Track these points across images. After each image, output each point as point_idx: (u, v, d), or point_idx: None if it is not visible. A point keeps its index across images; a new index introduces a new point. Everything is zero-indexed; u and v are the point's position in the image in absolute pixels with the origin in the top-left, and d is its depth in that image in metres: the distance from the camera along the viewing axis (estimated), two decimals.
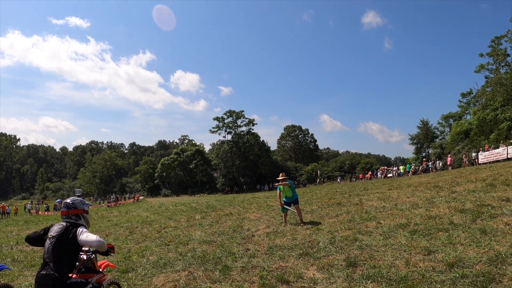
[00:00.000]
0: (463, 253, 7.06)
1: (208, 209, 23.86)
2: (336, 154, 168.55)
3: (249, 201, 27.75)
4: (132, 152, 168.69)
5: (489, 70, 62.22)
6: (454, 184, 18.71)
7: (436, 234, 8.80)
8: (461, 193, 14.94)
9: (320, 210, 16.26)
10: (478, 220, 9.62)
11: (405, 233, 9.27)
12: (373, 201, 17.05)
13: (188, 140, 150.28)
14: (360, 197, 19.48)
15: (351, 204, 16.93)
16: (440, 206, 12.35)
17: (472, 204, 11.85)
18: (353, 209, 15.10)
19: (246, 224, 15.05)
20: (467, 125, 68.77)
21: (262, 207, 21.18)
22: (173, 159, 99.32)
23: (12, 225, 30.35)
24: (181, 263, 9.29)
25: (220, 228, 14.92)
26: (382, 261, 7.30)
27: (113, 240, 15.39)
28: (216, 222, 17.10)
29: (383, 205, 14.93)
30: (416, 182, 24.36)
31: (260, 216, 17.27)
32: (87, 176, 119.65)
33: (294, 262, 8.00)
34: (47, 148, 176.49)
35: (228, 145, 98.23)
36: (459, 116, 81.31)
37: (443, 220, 10.14)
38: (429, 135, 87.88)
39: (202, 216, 19.98)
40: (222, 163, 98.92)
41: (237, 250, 9.99)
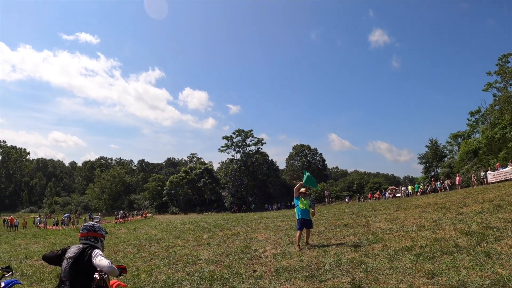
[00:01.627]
0: (466, 277, 7.16)
1: (216, 228, 23.92)
2: (344, 174, 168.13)
3: (257, 220, 27.78)
4: (140, 169, 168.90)
5: (497, 88, 62.24)
6: (462, 205, 18.76)
7: (440, 257, 8.89)
8: (467, 215, 15.01)
9: (327, 232, 16.29)
10: (483, 242, 9.70)
11: (410, 256, 9.35)
12: (380, 222, 17.10)
13: (197, 158, 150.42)
14: (368, 218, 19.52)
15: (358, 226, 16.98)
16: (446, 228, 12.43)
17: (478, 226, 11.93)
18: (360, 231, 15.17)
19: (253, 244, 15.12)
20: (476, 144, 68.48)
21: (270, 228, 21.20)
22: (182, 177, 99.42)
23: (20, 238, 30.51)
24: (189, 283, 9.40)
25: (228, 248, 14.98)
26: (386, 284, 7.40)
27: (122, 257, 15.48)
28: (224, 242, 17.16)
29: (390, 227, 15.00)
30: (424, 202, 24.39)
31: (267, 236, 17.30)
32: (96, 192, 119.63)
33: (300, 284, 8.10)
34: (57, 162, 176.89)
35: (237, 164, 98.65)
36: (468, 134, 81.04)
37: (448, 242, 10.22)
38: (437, 154, 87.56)
39: (210, 236, 20.04)
40: (230, 182, 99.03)
41: (244, 271, 10.09)
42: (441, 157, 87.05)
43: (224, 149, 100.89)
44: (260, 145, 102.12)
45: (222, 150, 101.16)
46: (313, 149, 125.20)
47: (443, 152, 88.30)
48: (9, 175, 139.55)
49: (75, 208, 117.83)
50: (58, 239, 28.31)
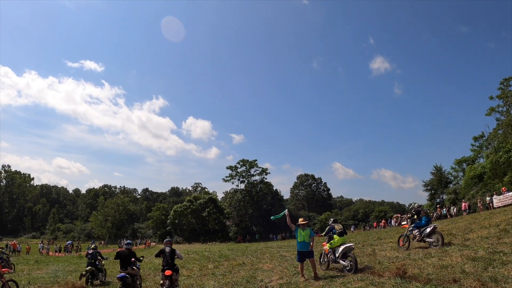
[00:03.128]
0: None
1: (221, 258, 23.87)
2: (349, 203, 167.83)
3: (262, 250, 27.73)
4: (144, 197, 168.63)
5: (500, 113, 62.24)
6: (468, 231, 18.72)
7: (448, 284, 8.85)
8: (474, 241, 14.99)
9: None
10: (489, 268, 9.69)
11: (417, 284, 9.31)
12: (386, 251, 17.09)
13: (201, 188, 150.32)
14: (374, 247, 19.52)
15: (364, 255, 16.96)
16: (453, 255, 12.38)
17: (485, 251, 11.91)
18: (366, 260, 15.16)
19: (259, 274, 15.08)
20: (481, 168, 68.41)
21: (275, 257, 21.18)
22: (186, 206, 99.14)
23: (22, 264, 30.45)
24: None
25: (234, 278, 14.92)
26: None
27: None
28: (229, 272, 17.11)
29: (396, 255, 14.97)
30: None
31: (273, 266, 17.28)
32: (99, 220, 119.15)
33: None
34: (60, 189, 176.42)
35: (241, 194, 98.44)
36: (472, 160, 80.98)
37: (455, 269, 10.20)
38: (442, 180, 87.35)
39: (215, 266, 20.02)
40: (235, 212, 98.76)
41: None
42: (446, 183, 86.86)
43: (229, 179, 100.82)
44: (265, 175, 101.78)
45: (226, 180, 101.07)
46: (317, 179, 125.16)
47: (448, 178, 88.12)
48: (12, 200, 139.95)
49: (78, 235, 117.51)
50: (61, 266, 28.27)
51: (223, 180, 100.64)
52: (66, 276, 20.76)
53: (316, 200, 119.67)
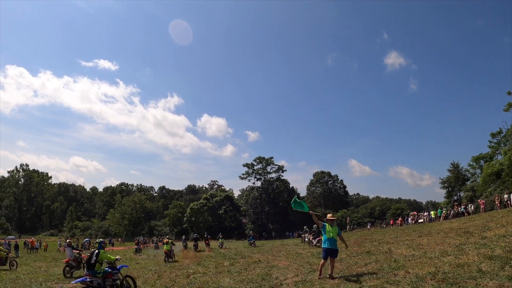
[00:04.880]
0: None
1: (237, 256, 23.90)
2: (366, 200, 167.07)
3: (278, 248, 27.76)
4: (161, 195, 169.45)
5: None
6: (485, 229, 18.59)
7: (464, 282, 8.79)
8: (491, 239, 14.86)
9: (349, 259, 16.25)
10: (506, 266, 9.61)
11: (433, 283, 9.27)
12: (402, 249, 17.01)
13: (218, 186, 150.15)
14: (390, 245, 19.43)
15: (380, 253, 16.92)
16: (470, 253, 12.31)
17: (502, 250, 11.82)
18: (382, 258, 15.11)
19: (274, 272, 15.07)
20: (499, 165, 67.66)
21: (291, 255, 21.18)
22: (202, 204, 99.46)
23: (40, 261, 30.87)
24: None
25: (249, 275, 14.91)
26: None
27: (142, 283, 15.43)
28: (244, 269, 17.12)
29: (412, 253, 14.91)
30: (447, 228, 24.21)
31: (289, 264, 17.28)
32: (116, 217, 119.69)
33: None
34: (78, 187, 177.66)
35: (258, 191, 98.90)
36: (490, 156, 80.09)
37: (471, 268, 10.13)
38: (460, 178, 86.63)
39: (231, 263, 20.02)
40: (251, 209, 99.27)
41: None
42: (463, 180, 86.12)
43: (245, 177, 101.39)
44: (281, 172, 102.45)
45: (243, 178, 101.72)
46: (333, 176, 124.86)
47: (466, 175, 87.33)
48: (30, 198, 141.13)
49: (95, 232, 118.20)
50: None
51: (240, 177, 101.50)
52: (82, 272, 20.89)
53: (333, 197, 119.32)
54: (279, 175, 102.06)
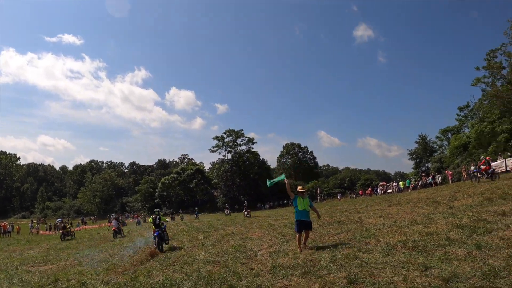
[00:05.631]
0: (459, 268, 7.32)
1: (210, 229, 24.07)
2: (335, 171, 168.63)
3: (250, 220, 27.96)
4: (132, 171, 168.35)
5: (486, 83, 62.34)
6: (453, 199, 19.02)
7: (433, 250, 9.05)
8: (458, 208, 15.22)
9: (321, 229, 16.54)
10: (474, 235, 9.88)
11: (404, 250, 9.54)
12: (372, 218, 17.36)
13: (188, 159, 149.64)
14: (360, 214, 19.79)
15: (351, 222, 17.25)
16: (438, 222, 12.62)
17: (469, 219, 12.13)
18: (353, 227, 15.42)
19: (248, 243, 15.32)
20: (466, 138, 69.10)
21: (264, 226, 21.43)
22: (174, 178, 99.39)
23: (14, 245, 30.45)
24: (187, 283, 9.47)
25: (223, 248, 15.14)
26: (381, 278, 7.55)
27: (118, 260, 15.55)
28: (219, 242, 17.35)
29: (382, 223, 15.24)
30: (416, 198, 24.67)
31: (262, 235, 17.52)
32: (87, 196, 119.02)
33: (297, 281, 8.22)
34: (47, 167, 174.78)
35: (228, 164, 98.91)
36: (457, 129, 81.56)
37: (440, 236, 10.41)
38: (427, 149, 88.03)
39: (205, 236, 20.21)
40: (222, 182, 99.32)
41: (241, 270, 10.19)
42: (431, 152, 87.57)
43: (215, 150, 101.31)
44: (251, 145, 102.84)
45: (213, 151, 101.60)
46: (303, 147, 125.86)
47: (433, 147, 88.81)
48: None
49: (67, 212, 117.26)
50: (52, 243, 28.32)
51: (210, 150, 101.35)
52: (58, 254, 20.86)
53: (303, 168, 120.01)
54: (249, 147, 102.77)
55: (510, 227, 9.93)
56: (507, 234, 9.22)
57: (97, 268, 13.93)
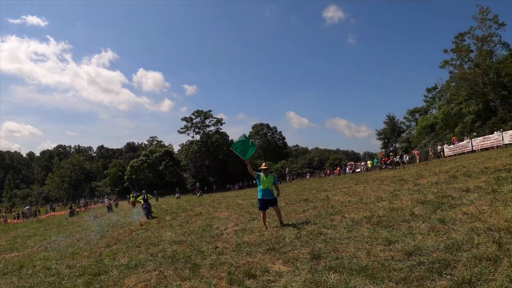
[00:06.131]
0: (422, 242, 7.34)
1: (178, 210, 24.12)
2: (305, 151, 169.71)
3: (218, 200, 28.06)
4: (100, 155, 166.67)
5: (453, 66, 63.47)
6: (419, 177, 19.22)
7: (397, 225, 9.10)
8: (424, 186, 15.37)
9: (288, 207, 16.56)
10: (438, 210, 9.94)
11: (368, 226, 9.58)
12: (339, 196, 17.46)
13: (157, 141, 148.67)
14: (327, 192, 19.91)
15: (318, 200, 17.34)
16: (403, 199, 12.72)
17: (434, 195, 12.22)
18: (319, 205, 15.47)
19: (215, 223, 15.32)
20: (433, 119, 70.42)
21: (232, 206, 21.53)
22: (142, 161, 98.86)
23: None
24: (152, 263, 9.39)
25: (190, 228, 15.10)
26: (345, 253, 7.55)
27: (84, 244, 15.38)
28: (186, 222, 17.35)
29: (348, 200, 15.34)
30: (383, 176, 24.95)
31: (229, 214, 17.56)
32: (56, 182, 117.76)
33: (261, 258, 8.19)
34: (14, 154, 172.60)
35: (197, 145, 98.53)
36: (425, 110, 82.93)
37: (405, 211, 10.47)
38: (395, 129, 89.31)
39: (173, 217, 20.24)
40: (191, 164, 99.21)
41: (206, 248, 10.14)
42: (399, 132, 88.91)
43: (184, 131, 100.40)
44: (220, 125, 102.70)
45: (181, 132, 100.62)
46: (272, 128, 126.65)
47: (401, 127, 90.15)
48: None
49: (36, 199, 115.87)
50: (20, 232, 28.04)
51: (178, 132, 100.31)
52: (25, 241, 20.63)
53: (272, 149, 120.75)
54: (217, 128, 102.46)
55: (473, 202, 10.00)
56: (470, 209, 9.28)
57: (63, 253, 13.78)
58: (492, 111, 59.53)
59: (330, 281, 6.03)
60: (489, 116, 57.99)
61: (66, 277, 9.54)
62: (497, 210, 8.67)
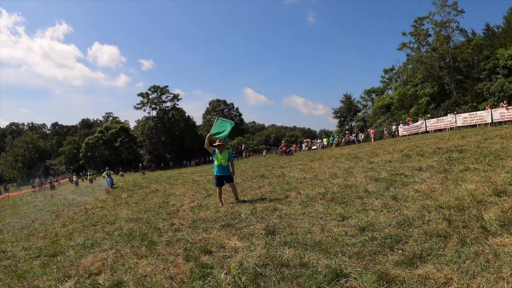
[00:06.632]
0: (374, 218, 7.51)
1: (135, 187, 23.98)
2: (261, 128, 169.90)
3: (175, 177, 28.08)
4: (54, 132, 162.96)
5: (411, 49, 64.93)
6: (373, 155, 19.55)
7: (351, 201, 9.28)
8: (378, 164, 15.65)
9: (244, 183, 16.68)
10: (391, 188, 10.17)
11: (323, 202, 9.76)
12: (295, 172, 17.71)
13: (113, 118, 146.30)
14: (283, 169, 20.12)
15: (273, 176, 17.53)
16: (357, 176, 12.94)
17: (387, 173, 12.47)
18: (275, 181, 15.65)
19: (171, 200, 15.32)
20: (389, 99, 71.85)
21: (188, 182, 21.59)
22: (98, 137, 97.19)
23: None
24: (109, 242, 9.34)
25: (147, 205, 15.10)
26: (299, 228, 7.66)
27: (40, 225, 15.23)
28: (142, 199, 17.33)
29: (304, 176, 15.54)
30: (338, 153, 25.29)
31: (185, 191, 17.60)
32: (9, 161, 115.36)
33: (216, 234, 8.24)
34: None
35: (153, 121, 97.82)
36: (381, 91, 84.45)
37: (358, 188, 10.67)
38: (352, 108, 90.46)
39: (129, 195, 20.13)
40: (147, 140, 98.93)
41: (162, 226, 10.15)
42: (355, 111, 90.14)
43: (140, 107, 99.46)
44: (176, 101, 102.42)
45: (137, 108, 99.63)
46: (229, 104, 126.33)
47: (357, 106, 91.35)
48: None
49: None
50: None
51: (134, 107, 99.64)
52: None
53: None
54: (174, 104, 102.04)
55: (425, 181, 10.23)
56: (422, 187, 9.51)
57: (18, 235, 13.59)
58: (446, 94, 61.69)
59: (285, 256, 6.12)
60: (444, 98, 60.04)
61: (22, 259, 9.41)
62: (448, 189, 8.90)
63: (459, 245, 5.48)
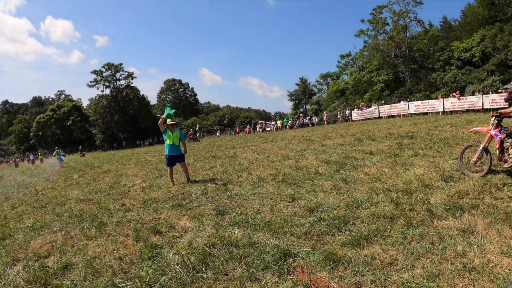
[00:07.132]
0: (324, 200, 7.64)
1: (86, 168, 23.71)
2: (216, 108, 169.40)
3: (128, 157, 27.91)
4: (4, 110, 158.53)
5: (368, 36, 65.91)
6: (326, 138, 19.78)
7: (301, 183, 9.42)
8: (330, 146, 15.88)
9: (196, 163, 16.75)
10: (341, 170, 10.34)
11: (273, 183, 9.87)
12: (247, 153, 17.80)
13: (65, 96, 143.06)
14: (236, 150, 20.24)
15: (226, 157, 17.61)
16: (309, 158, 13.10)
17: (338, 156, 12.67)
18: (227, 162, 15.75)
19: (123, 180, 15.23)
20: (344, 84, 72.93)
21: (140, 162, 21.51)
22: (49, 116, 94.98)
23: None
24: (58, 223, 9.23)
25: (98, 185, 14.98)
26: (249, 209, 7.74)
27: None
28: (94, 180, 17.16)
29: (256, 157, 15.66)
30: (291, 136, 25.50)
31: (137, 171, 17.54)
32: None
33: (167, 214, 8.25)
34: None
35: (107, 99, 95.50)
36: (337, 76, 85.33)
37: (309, 170, 10.82)
38: (307, 92, 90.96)
39: (80, 175, 19.91)
40: (100, 119, 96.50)
41: (113, 206, 10.10)
42: (310, 94, 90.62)
43: (93, 85, 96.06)
44: (131, 80, 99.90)
45: (91, 86, 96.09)
46: (184, 84, 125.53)
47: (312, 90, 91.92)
48: None
49: None
50: None
51: (88, 85, 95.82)
52: None
53: (183, 105, 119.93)
54: (128, 82, 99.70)
55: (375, 165, 10.46)
56: (372, 170, 9.71)
57: None
58: (401, 82, 63.35)
59: (234, 235, 6.19)
60: (398, 86, 61.75)
61: None
62: (396, 173, 9.14)
63: (405, 227, 5.65)
